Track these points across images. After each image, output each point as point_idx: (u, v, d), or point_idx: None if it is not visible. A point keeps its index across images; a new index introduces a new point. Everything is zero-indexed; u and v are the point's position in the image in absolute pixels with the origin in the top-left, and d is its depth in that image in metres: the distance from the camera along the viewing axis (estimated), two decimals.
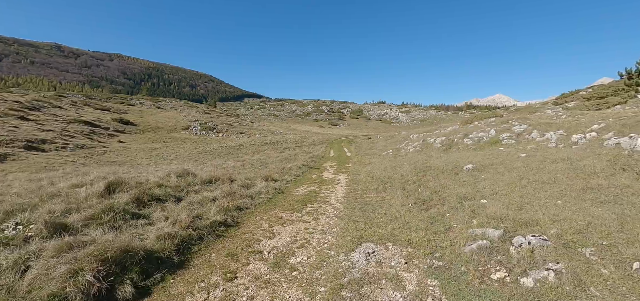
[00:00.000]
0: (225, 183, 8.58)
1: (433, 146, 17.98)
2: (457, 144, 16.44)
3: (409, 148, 19.41)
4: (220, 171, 13.85)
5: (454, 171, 8.73)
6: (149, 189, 6.53)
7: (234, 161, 20.08)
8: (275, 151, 32.09)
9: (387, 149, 22.65)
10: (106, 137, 45.76)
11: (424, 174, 9.20)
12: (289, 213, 6.60)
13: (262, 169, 14.81)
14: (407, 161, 13.20)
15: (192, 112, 70.71)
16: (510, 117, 20.37)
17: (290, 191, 9.01)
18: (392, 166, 12.70)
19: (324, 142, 39.63)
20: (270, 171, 12.51)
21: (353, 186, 9.77)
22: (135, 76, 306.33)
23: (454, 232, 4.41)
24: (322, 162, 18.24)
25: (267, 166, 16.25)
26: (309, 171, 13.89)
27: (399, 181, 9.29)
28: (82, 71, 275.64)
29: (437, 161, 11.25)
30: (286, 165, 15.47)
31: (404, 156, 16.83)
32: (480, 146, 14.40)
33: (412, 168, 10.65)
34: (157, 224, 4.96)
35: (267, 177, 9.95)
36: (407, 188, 8.02)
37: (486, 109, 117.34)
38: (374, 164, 15.02)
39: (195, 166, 19.58)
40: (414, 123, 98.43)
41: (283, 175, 11.56)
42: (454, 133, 19.80)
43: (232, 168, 15.80)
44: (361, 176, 11.85)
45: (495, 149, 12.48)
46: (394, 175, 10.44)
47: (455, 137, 17.77)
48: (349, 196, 8.30)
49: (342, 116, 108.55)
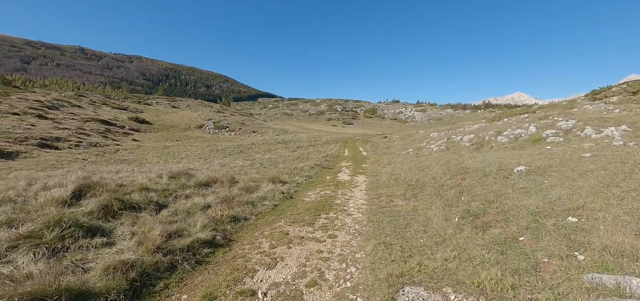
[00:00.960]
0: (225, 185, 7.24)
1: (460, 144, 16.14)
2: (489, 142, 14.55)
3: (432, 147, 17.61)
4: (222, 171, 12.61)
5: (502, 175, 7.05)
6: (125, 195, 5.25)
7: (243, 160, 18.89)
8: (287, 150, 30.84)
9: (406, 148, 20.90)
10: (121, 135, 45.91)
11: (462, 177, 7.55)
12: (298, 226, 5.16)
13: (271, 169, 13.48)
14: (435, 161, 11.51)
15: (206, 111, 70.79)
16: (547, 113, 18.19)
17: (301, 196, 7.57)
18: (417, 167, 11.06)
19: (338, 141, 38.09)
20: (279, 171, 11.13)
21: (375, 191, 8.23)
22: (153, 76, 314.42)
23: (549, 273, 2.84)
24: (336, 162, 16.74)
25: (277, 166, 14.92)
26: (323, 172, 12.44)
27: (431, 186, 7.70)
28: (104, 72, 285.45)
29: (472, 161, 9.53)
30: (297, 165, 14.08)
31: (428, 155, 15.10)
32: (519, 145, 12.50)
33: (444, 170, 9.00)
34: (118, 245, 3.63)
35: (275, 178, 8.56)
36: (444, 195, 6.43)
37: (505, 107, 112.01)
38: (395, 165, 13.40)
39: (202, 164, 18.52)
40: (430, 122, 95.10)
41: (293, 176, 10.15)
42: (482, 131, 17.84)
43: (239, 168, 14.56)
44: (382, 179, 10.28)
45: (541, 148, 10.62)
46: (422, 178, 8.83)
47: (485, 135, 15.86)
48: (371, 203, 6.78)
49: (355, 115, 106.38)
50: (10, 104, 42.36)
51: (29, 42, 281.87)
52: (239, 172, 12.10)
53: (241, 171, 12.97)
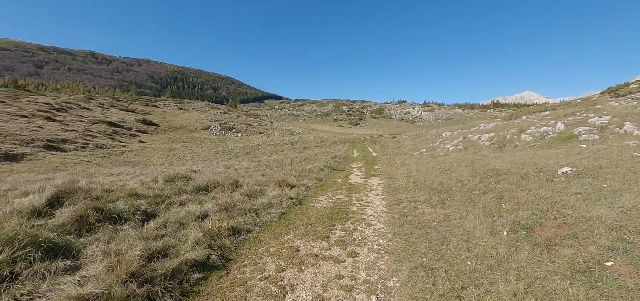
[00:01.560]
0: (226, 190, 6.43)
1: (479, 144, 15.08)
2: (512, 141, 13.48)
3: (447, 147, 16.58)
4: (225, 173, 11.85)
5: (543, 177, 6.08)
6: (109, 202, 4.47)
7: (249, 161, 18.14)
8: (294, 151, 30.06)
9: (418, 149, 19.88)
10: (128, 137, 45.83)
11: (496, 180, 6.59)
12: (310, 239, 4.30)
13: (277, 170, 12.67)
14: (455, 161, 10.53)
15: (213, 113, 70.59)
16: (573, 110, 16.98)
17: (311, 202, 6.72)
18: (436, 168, 10.10)
19: (345, 141, 37.17)
20: (287, 173, 10.31)
21: (394, 195, 7.31)
22: (161, 79, 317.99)
23: None
24: (346, 163, 15.85)
25: (284, 167, 14.10)
26: (333, 174, 11.57)
27: (458, 190, 6.76)
28: (114, 76, 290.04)
29: (500, 161, 8.53)
30: (305, 166, 13.24)
31: (444, 156, 14.09)
32: (548, 144, 11.42)
33: (470, 171, 8.04)
34: (83, 271, 2.82)
35: (282, 182, 7.72)
36: (479, 202, 5.50)
37: (515, 106, 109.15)
38: (410, 166, 12.44)
39: (207, 166, 17.83)
40: (438, 122, 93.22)
41: (301, 179, 9.30)
42: (501, 129, 16.73)
43: (244, 169, 13.80)
44: (399, 181, 9.36)
45: (575, 147, 9.56)
46: (446, 180, 7.89)
47: (506, 133, 14.76)
48: (393, 210, 5.88)
49: (362, 115, 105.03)
50: (19, 107, 42.60)
51: (42, 48, 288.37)
52: (244, 174, 11.32)
53: (246, 173, 12.20)
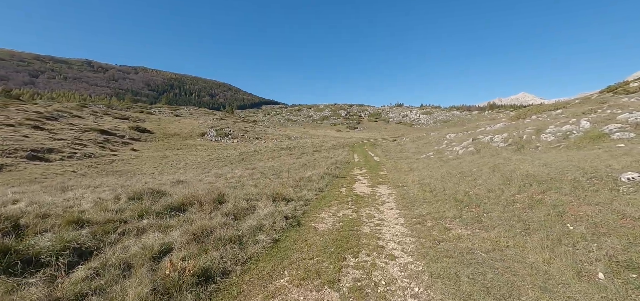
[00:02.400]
0: (206, 208, 5.10)
1: (492, 145, 13.84)
2: (530, 141, 12.24)
3: (456, 150, 15.33)
4: (214, 184, 10.50)
5: (602, 185, 4.81)
6: (35, 235, 3.12)
7: (243, 168, 16.78)
8: (292, 156, 28.74)
9: (423, 152, 18.63)
10: (120, 145, 44.32)
11: (540, 190, 5.30)
12: (313, 286, 2.98)
13: (273, 179, 11.33)
14: (474, 165, 9.24)
15: (209, 120, 69.11)
16: (589, 108, 15.81)
17: (312, 220, 5.39)
18: (453, 174, 8.82)
19: (345, 146, 35.88)
20: (283, 182, 8.99)
21: (412, 209, 6.00)
22: (158, 87, 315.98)
23: None
24: (348, 169, 14.54)
25: (280, 175, 12.77)
26: (335, 182, 10.24)
27: (492, 201, 5.47)
28: (110, 84, 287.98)
29: (530, 166, 7.25)
30: (304, 174, 11.92)
31: (456, 159, 12.82)
32: (575, 144, 10.18)
33: (499, 178, 6.75)
34: None
35: (276, 195, 6.39)
36: (528, 219, 4.21)
37: (511, 108, 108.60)
38: (421, 171, 11.15)
39: (198, 175, 16.46)
40: (436, 124, 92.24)
41: (300, 189, 7.97)
42: (513, 129, 15.51)
43: (236, 178, 12.45)
44: (413, 190, 8.05)
45: (612, 146, 8.34)
46: (471, 189, 6.60)
47: (522, 133, 13.54)
48: (417, 232, 4.56)
49: (360, 119, 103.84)
50: (6, 115, 41.08)
51: (37, 57, 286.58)
52: (235, 184, 9.97)
53: (238, 182, 10.85)
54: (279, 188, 6.94)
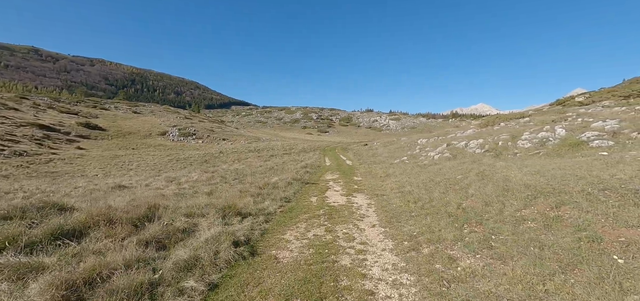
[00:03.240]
0: (119, 231, 3.50)
1: (468, 151, 13.36)
2: (507, 148, 11.85)
3: (431, 155, 14.72)
4: (163, 190, 8.67)
5: (621, 198, 4.00)
6: None
7: (202, 172, 14.84)
8: (260, 159, 26.94)
9: (397, 156, 17.95)
10: (63, 143, 39.37)
11: (550, 205, 4.43)
12: None
13: (234, 185, 9.75)
14: (458, 172, 8.43)
15: (172, 118, 64.33)
16: (560, 116, 16.03)
17: (272, 246, 4.03)
18: (436, 182, 7.92)
19: (316, 149, 34.64)
20: (244, 190, 7.51)
21: (399, 227, 4.88)
22: (117, 81, 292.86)
23: None
24: (319, 173, 13.28)
25: (243, 181, 11.18)
26: (305, 190, 8.91)
27: (494, 217, 4.52)
28: (61, 75, 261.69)
29: (521, 174, 6.50)
30: (270, 179, 10.45)
31: (434, 165, 12.08)
32: (555, 150, 9.81)
33: (493, 188, 5.88)
34: None
35: (229, 208, 4.93)
36: (554, 245, 3.25)
37: (471, 117, 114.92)
38: (398, 177, 10.20)
39: (146, 179, 14.27)
40: (404, 130, 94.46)
41: (262, 200, 6.55)
42: (486, 136, 15.30)
43: (190, 184, 10.66)
44: (394, 201, 6.97)
45: (594, 153, 7.93)
46: (464, 201, 5.66)
47: (498, 139, 13.20)
48: (415, 267, 3.42)
49: (331, 123, 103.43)
50: None
51: None
52: (185, 192, 8.26)
53: (191, 189, 9.13)
54: (235, 199, 5.46)
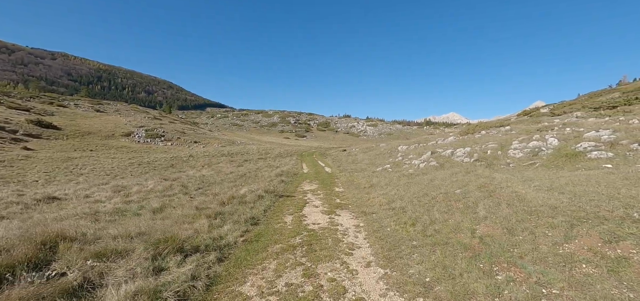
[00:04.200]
0: None
1: (455, 160, 12.53)
2: (497, 157, 11.10)
3: (416, 163, 13.80)
4: (87, 207, 6.85)
5: None
6: None
7: (161, 179, 12.90)
8: (233, 164, 24.99)
9: (378, 164, 16.93)
10: (7, 142, 34.98)
11: (604, 239, 3.34)
12: None
13: (195, 197, 8.09)
14: (453, 185, 7.37)
15: (139, 118, 59.94)
16: (545, 125, 15.72)
17: None
18: (430, 196, 6.82)
19: (293, 154, 33.08)
20: (201, 206, 5.94)
21: (404, 271, 3.65)
22: (82, 77, 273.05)
23: None
24: (296, 183, 11.87)
25: (207, 191, 9.53)
26: (279, 206, 7.46)
27: (530, 254, 3.45)
28: (17, 68, 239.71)
29: (531, 190, 5.52)
30: (238, 190, 8.89)
31: (419, 174, 11.07)
32: (551, 161, 9.10)
33: (507, 209, 4.80)
34: None
35: (166, 242, 3.36)
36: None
37: (444, 125, 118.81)
38: (385, 189, 9.03)
39: (92, 187, 12.08)
40: (382, 136, 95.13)
41: (221, 223, 5.04)
42: (471, 143, 14.66)
43: (141, 195, 8.88)
44: (387, 222, 5.72)
45: (596, 165, 7.21)
46: (477, 226, 4.54)
47: (486, 148, 12.48)
48: None
49: (309, 127, 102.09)
50: None
51: None
52: (126, 209, 6.55)
53: (140, 203, 7.40)
54: (184, 224, 3.89)
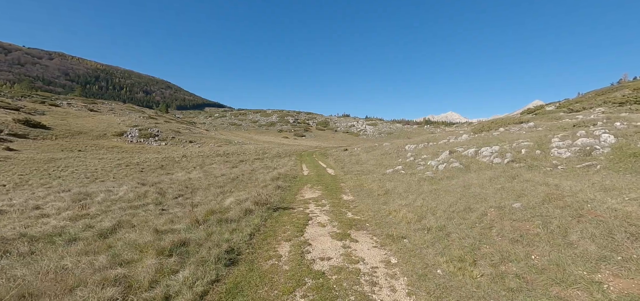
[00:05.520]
0: None
1: (482, 161, 10.62)
2: (536, 157, 9.17)
3: (434, 165, 11.94)
4: (18, 229, 4.98)
5: None
6: None
7: (139, 184, 11.05)
8: (227, 165, 23.07)
9: (387, 165, 15.11)
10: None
11: None
12: None
13: (169, 210, 6.22)
14: (503, 195, 5.55)
15: (134, 117, 57.89)
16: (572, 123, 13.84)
17: None
18: (478, 212, 5.06)
19: (292, 154, 31.09)
20: (162, 229, 4.11)
21: None
22: (79, 77, 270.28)
23: None
24: (296, 189, 9.99)
25: (186, 201, 7.66)
26: (271, 224, 5.63)
27: None
28: (13, 68, 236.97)
29: (634, 205, 3.62)
30: (224, 201, 6.98)
31: (444, 179, 9.19)
32: (616, 163, 7.27)
33: None
34: None
35: None
36: None
37: (443, 124, 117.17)
38: (406, 199, 7.19)
39: (49, 193, 10.14)
40: (382, 136, 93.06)
41: (181, 262, 3.23)
42: (489, 142, 12.82)
43: (106, 205, 7.00)
44: (430, 255, 4.00)
45: None
46: (597, 276, 2.64)
47: (519, 147, 10.56)
48: None
49: (308, 127, 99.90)
50: None
51: None
52: (66, 228, 4.62)
53: (98, 215, 5.50)
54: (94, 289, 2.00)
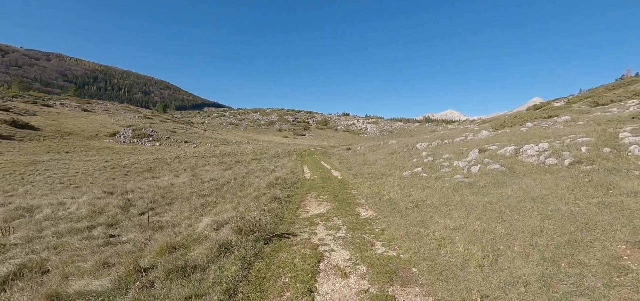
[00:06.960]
0: None
1: (529, 162, 8.57)
2: (608, 158, 7.09)
3: (462, 166, 9.97)
4: None
5: None
6: None
7: (105, 192, 9.01)
8: (221, 166, 21.03)
9: (400, 166, 13.20)
10: None
11: None
12: None
13: (121, 235, 4.24)
14: (612, 216, 3.46)
15: (129, 117, 55.75)
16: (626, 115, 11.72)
17: None
18: (602, 249, 3.21)
19: (291, 154, 28.90)
20: (56, 294, 2.10)
21: None
22: (77, 78, 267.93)
23: None
24: (296, 199, 7.99)
25: (151, 219, 5.68)
26: (258, 274, 3.67)
27: None
28: (10, 70, 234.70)
29: None
30: (197, 223, 4.94)
31: (491, 186, 7.17)
32: None
33: None
34: None
35: None
36: None
37: (443, 122, 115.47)
38: (455, 217, 5.36)
39: None
40: (382, 134, 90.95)
41: None
42: (528, 139, 10.79)
43: (16, 236, 4.86)
44: None
45: None
46: None
47: (571, 144, 8.47)
48: None
49: (307, 126, 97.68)
50: None
51: None
52: None
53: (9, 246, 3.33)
54: None
